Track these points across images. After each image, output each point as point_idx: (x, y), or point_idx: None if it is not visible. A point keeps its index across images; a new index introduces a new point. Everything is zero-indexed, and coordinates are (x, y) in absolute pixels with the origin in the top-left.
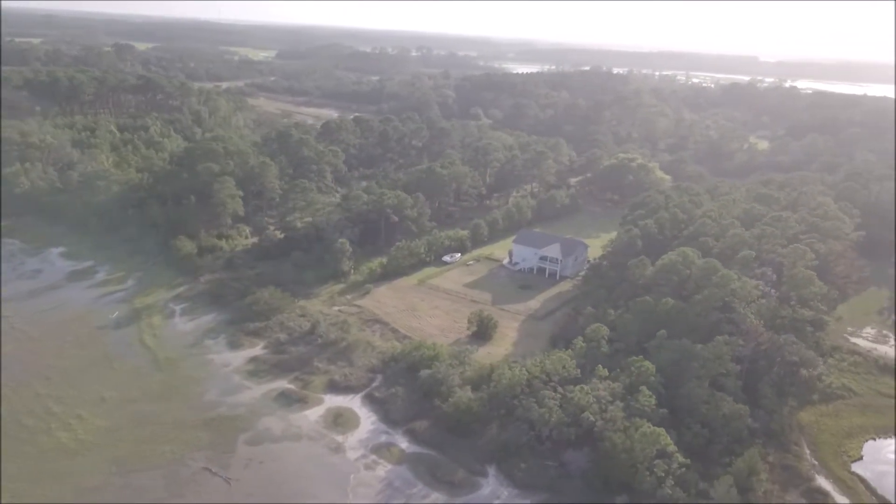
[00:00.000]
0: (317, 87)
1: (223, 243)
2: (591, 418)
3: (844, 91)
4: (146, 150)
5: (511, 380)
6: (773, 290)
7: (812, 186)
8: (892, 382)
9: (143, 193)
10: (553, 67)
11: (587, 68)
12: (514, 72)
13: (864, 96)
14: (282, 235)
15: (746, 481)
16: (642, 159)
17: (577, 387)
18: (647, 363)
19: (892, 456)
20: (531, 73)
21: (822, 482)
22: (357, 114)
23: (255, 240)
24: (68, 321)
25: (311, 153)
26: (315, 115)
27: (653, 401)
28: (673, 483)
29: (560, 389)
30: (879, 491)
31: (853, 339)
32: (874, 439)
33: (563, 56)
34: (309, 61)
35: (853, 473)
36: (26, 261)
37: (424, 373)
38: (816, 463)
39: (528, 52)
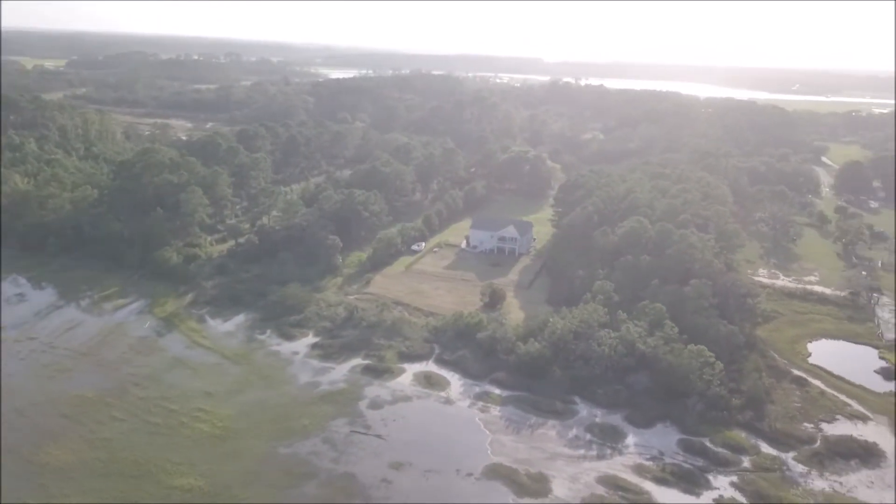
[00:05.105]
0: (152, 97)
1: (199, 251)
2: (642, 347)
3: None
4: (48, 168)
5: (564, 328)
6: None
7: (682, 166)
8: (802, 305)
9: (100, 209)
10: (371, 72)
11: (407, 72)
12: (338, 77)
13: (675, 92)
14: (257, 239)
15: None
16: (534, 151)
17: (624, 326)
18: (657, 305)
19: (833, 349)
20: (373, 78)
21: (797, 373)
22: (212, 123)
23: (230, 244)
24: (105, 335)
25: (247, 160)
26: (170, 126)
27: (676, 330)
28: (718, 383)
29: (601, 332)
30: (835, 372)
31: (756, 278)
32: (810, 342)
33: (365, 60)
34: (116, 70)
35: (813, 364)
36: None
37: (482, 335)
38: (786, 361)
39: (332, 57)
